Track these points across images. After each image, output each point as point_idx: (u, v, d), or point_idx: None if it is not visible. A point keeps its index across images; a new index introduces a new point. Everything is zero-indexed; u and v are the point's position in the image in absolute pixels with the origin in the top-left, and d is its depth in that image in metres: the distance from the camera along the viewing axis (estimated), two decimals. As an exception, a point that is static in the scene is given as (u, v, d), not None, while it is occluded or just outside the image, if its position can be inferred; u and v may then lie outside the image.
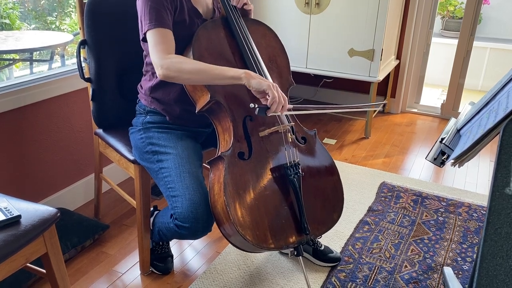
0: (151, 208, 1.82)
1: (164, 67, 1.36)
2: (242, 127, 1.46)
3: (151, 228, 1.73)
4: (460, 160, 1.05)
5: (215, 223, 1.42)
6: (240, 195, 1.37)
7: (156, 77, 1.56)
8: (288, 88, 1.65)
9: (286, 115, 1.58)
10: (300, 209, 1.45)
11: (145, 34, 1.42)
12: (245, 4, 1.59)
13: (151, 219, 1.75)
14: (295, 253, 1.47)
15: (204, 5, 1.57)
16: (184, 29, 1.50)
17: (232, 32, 1.53)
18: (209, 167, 1.45)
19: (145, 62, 1.60)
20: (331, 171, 1.61)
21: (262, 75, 1.50)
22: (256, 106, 1.36)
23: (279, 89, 1.36)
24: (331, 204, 1.57)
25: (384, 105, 3.59)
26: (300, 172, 1.48)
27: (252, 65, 1.50)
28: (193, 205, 1.39)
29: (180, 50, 1.49)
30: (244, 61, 1.51)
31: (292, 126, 1.58)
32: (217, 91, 1.44)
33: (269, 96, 1.33)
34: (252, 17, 1.67)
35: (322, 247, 1.81)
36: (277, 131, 1.51)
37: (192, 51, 1.44)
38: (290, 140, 1.53)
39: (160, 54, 1.38)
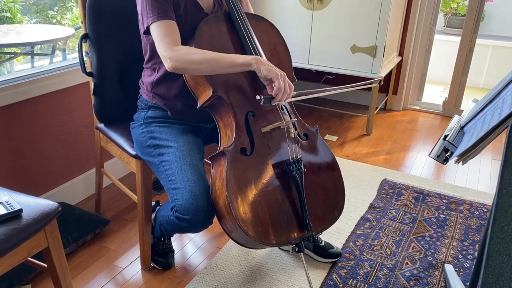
0: (153, 203, 1.82)
1: (173, 59, 1.35)
2: (244, 123, 1.46)
3: (153, 223, 1.73)
4: (464, 157, 1.05)
5: (216, 218, 1.41)
6: (242, 190, 1.36)
7: (157, 72, 1.54)
8: None
9: (288, 112, 1.58)
10: (302, 205, 1.45)
11: (148, 27, 1.41)
12: None
13: (153, 215, 1.75)
14: (297, 250, 1.47)
15: (206, 0, 1.56)
16: (185, 24, 1.48)
17: (235, 27, 1.52)
18: (210, 162, 1.45)
19: (145, 57, 1.59)
20: (333, 168, 1.61)
21: None
22: (262, 97, 1.37)
23: (286, 77, 1.38)
24: (332, 200, 1.57)
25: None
26: (302, 168, 1.48)
27: None
28: (194, 197, 1.38)
29: (182, 44, 1.48)
30: None
31: (294, 122, 1.57)
32: (219, 87, 1.43)
33: (275, 85, 1.35)
34: (251, 8, 1.66)
35: (323, 243, 1.81)
36: (279, 127, 1.50)
37: (195, 46, 1.42)
38: (293, 136, 1.53)
39: (167, 47, 1.36)
